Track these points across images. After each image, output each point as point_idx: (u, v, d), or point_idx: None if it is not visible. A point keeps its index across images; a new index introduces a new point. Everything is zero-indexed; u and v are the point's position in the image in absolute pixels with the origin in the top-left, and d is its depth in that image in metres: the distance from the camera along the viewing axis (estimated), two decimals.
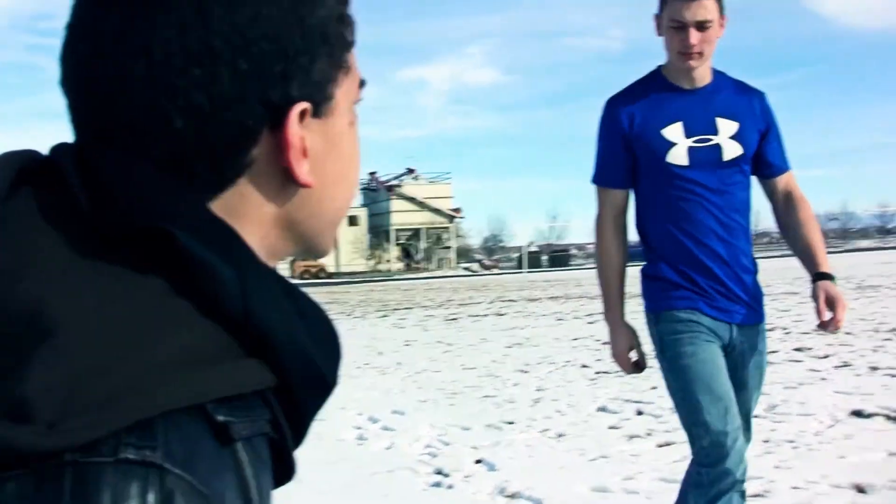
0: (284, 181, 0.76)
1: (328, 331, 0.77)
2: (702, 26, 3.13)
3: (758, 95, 3.37)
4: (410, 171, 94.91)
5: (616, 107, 3.33)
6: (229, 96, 0.71)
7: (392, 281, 59.89)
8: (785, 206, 3.40)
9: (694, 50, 3.15)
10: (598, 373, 9.66)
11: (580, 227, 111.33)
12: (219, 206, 0.73)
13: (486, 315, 20.00)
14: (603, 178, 3.39)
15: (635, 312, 3.55)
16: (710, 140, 3.23)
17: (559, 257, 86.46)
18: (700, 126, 3.24)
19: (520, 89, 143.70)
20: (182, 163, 0.71)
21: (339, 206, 0.83)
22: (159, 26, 0.70)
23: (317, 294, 38.36)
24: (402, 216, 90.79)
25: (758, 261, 3.44)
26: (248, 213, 0.75)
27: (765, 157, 3.34)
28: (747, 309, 3.30)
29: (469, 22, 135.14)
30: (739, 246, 3.30)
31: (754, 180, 3.42)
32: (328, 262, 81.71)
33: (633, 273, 3.13)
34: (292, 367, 0.71)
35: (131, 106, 0.70)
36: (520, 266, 73.19)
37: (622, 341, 3.36)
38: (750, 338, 3.31)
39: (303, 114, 0.75)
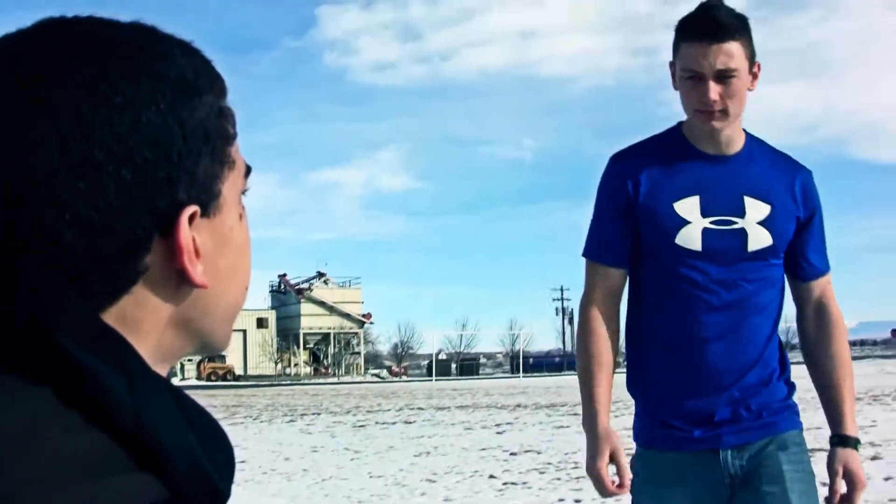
0: (179, 283, 0.76)
1: (220, 440, 0.76)
2: (724, 77, 2.46)
3: (802, 174, 2.68)
4: (321, 274, 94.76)
5: (621, 166, 2.66)
6: (116, 207, 0.70)
7: (300, 385, 59.21)
8: (816, 323, 2.72)
9: (715, 107, 2.48)
10: (505, 483, 9.64)
11: (489, 336, 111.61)
12: (113, 314, 0.73)
13: (394, 423, 19.90)
14: (597, 251, 2.69)
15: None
16: (733, 223, 2.56)
17: (468, 366, 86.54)
18: (722, 204, 2.56)
19: (432, 196, 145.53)
20: (74, 274, 0.70)
21: (233, 300, 0.83)
22: (40, 141, 0.70)
23: (223, 397, 37.88)
24: (311, 320, 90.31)
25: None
26: (143, 318, 0.75)
27: (800, 254, 2.67)
28: (756, 425, 2.61)
29: (383, 126, 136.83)
30: (754, 356, 2.61)
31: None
32: (236, 365, 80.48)
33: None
34: (185, 479, 0.70)
35: (18, 221, 0.70)
36: (429, 374, 73.05)
37: (602, 454, 2.55)
38: (768, 456, 2.59)
39: (192, 216, 0.75)
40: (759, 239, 2.58)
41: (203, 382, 68.84)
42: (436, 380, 62.77)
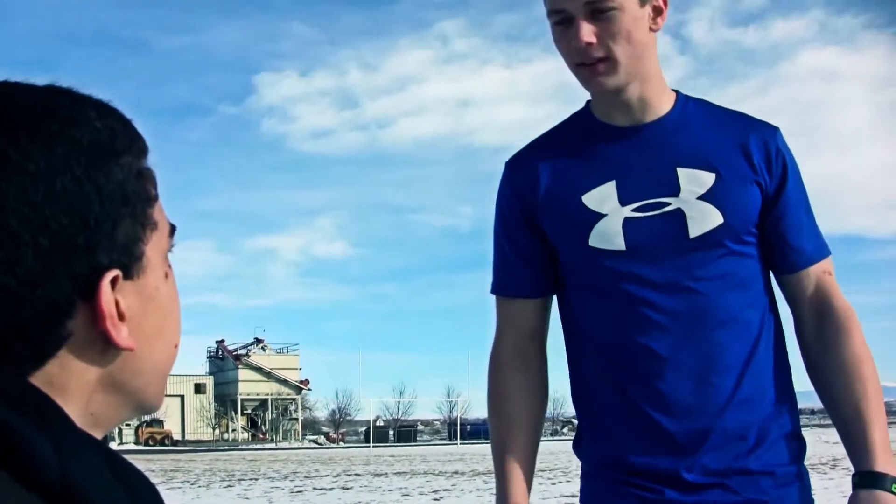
0: (104, 346, 0.75)
1: (152, 498, 0.75)
2: (598, 12, 1.85)
3: (762, 130, 1.99)
4: (258, 340, 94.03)
5: (512, 172, 2.07)
6: (35, 274, 0.70)
7: (238, 451, 58.58)
8: (816, 329, 1.98)
9: (592, 53, 1.86)
10: None
11: (426, 403, 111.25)
12: (39, 378, 0.73)
13: (331, 488, 20.06)
14: (498, 282, 2.12)
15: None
16: (665, 205, 1.91)
17: (406, 432, 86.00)
18: (646, 183, 1.93)
19: (369, 263, 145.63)
20: None
21: (162, 359, 0.82)
22: None
23: (161, 461, 37.51)
24: (249, 386, 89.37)
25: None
26: (69, 381, 0.74)
27: (777, 237, 1.97)
28: (729, 490, 1.91)
29: (320, 194, 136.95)
30: (725, 392, 1.91)
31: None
32: (173, 430, 79.41)
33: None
34: None
35: None
36: (367, 440, 72.65)
37: None
38: None
39: (114, 279, 0.74)
40: (704, 218, 1.89)
41: (141, 447, 67.79)
42: (373, 446, 62.39)
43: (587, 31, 1.84)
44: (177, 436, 78.89)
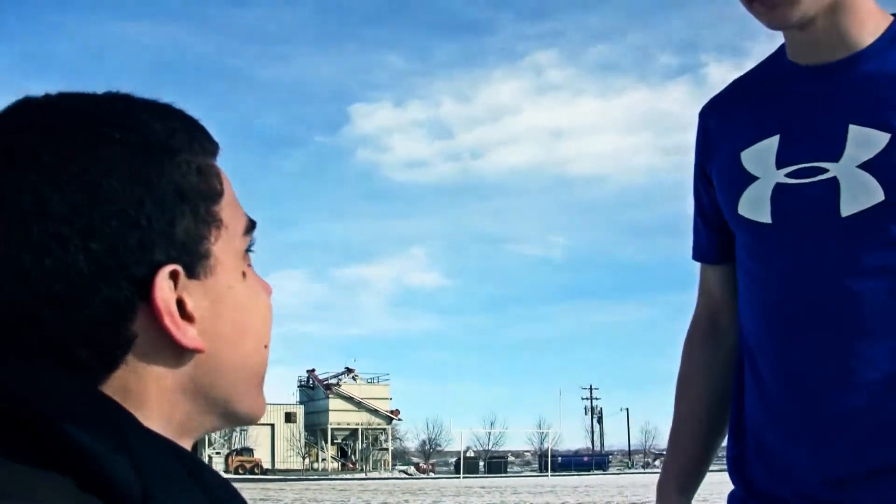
0: (175, 349, 0.73)
1: None
2: None
3: None
4: (349, 370, 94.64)
5: (700, 118, 1.82)
6: (89, 279, 0.69)
7: (327, 480, 58.82)
8: None
9: None
10: None
11: (517, 434, 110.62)
12: (112, 388, 0.71)
13: None
14: (693, 247, 1.89)
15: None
16: (822, 172, 1.55)
17: (496, 463, 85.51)
18: (810, 141, 1.57)
19: (461, 293, 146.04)
20: (60, 350, 0.69)
21: (247, 362, 0.79)
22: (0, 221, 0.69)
23: (251, 490, 37.77)
24: (339, 415, 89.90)
25: None
26: (146, 388, 0.73)
27: None
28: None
29: (413, 223, 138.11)
30: (876, 406, 1.53)
31: None
32: (263, 459, 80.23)
33: None
34: None
35: None
36: (457, 471, 72.38)
37: None
38: None
39: (175, 276, 0.72)
40: (861, 192, 1.50)
41: (231, 475, 68.64)
42: (463, 477, 62.28)
43: None
44: (266, 464, 79.57)
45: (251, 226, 0.82)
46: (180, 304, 0.73)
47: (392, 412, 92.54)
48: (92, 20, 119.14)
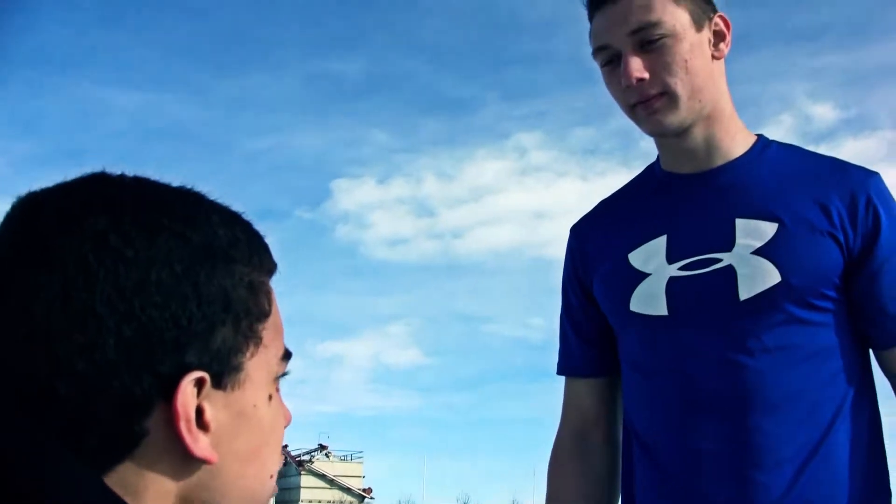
0: (185, 456, 0.71)
1: None
2: (647, 42, 1.58)
3: (854, 176, 1.64)
4: (323, 447, 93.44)
5: (573, 233, 1.86)
6: (114, 364, 0.67)
7: None
8: None
9: (648, 90, 1.59)
10: None
11: None
12: (113, 478, 0.68)
13: None
14: (559, 360, 1.89)
15: None
16: (715, 262, 1.61)
17: None
18: (699, 238, 1.64)
19: (438, 371, 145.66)
20: (70, 432, 0.67)
21: (253, 487, 0.76)
22: (41, 286, 0.67)
23: None
24: (311, 492, 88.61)
25: None
26: (145, 489, 0.70)
27: (868, 302, 1.62)
28: None
29: (393, 301, 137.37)
30: (775, 486, 1.56)
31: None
32: None
33: None
34: None
35: (13, 371, 0.67)
36: None
37: None
38: None
39: (201, 383, 0.70)
40: (757, 276, 1.56)
41: None
42: None
43: (637, 66, 1.58)
44: None
45: (287, 355, 0.81)
46: (199, 411, 0.71)
47: (365, 490, 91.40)
48: (79, 84, 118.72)
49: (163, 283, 0.69)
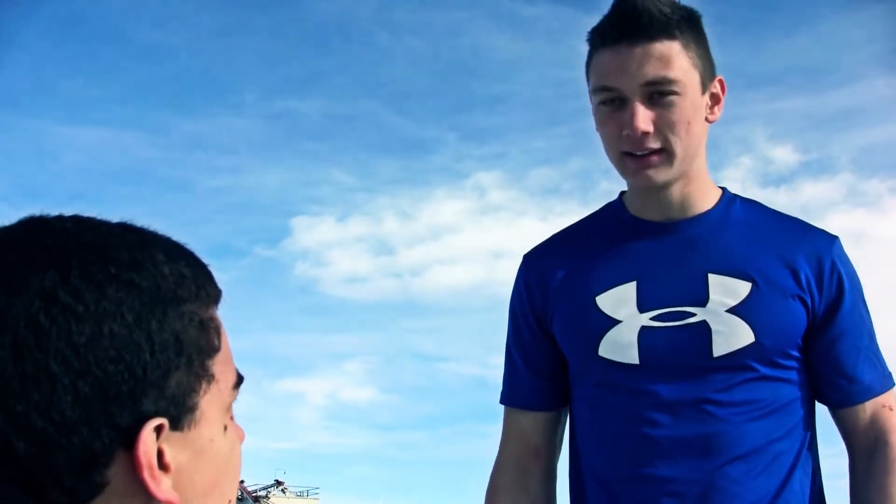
0: (147, 498, 0.71)
1: None
2: (658, 94, 1.58)
3: (817, 240, 1.71)
4: (279, 482, 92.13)
5: (529, 262, 1.84)
6: (72, 420, 0.67)
7: None
8: (866, 468, 1.69)
9: (647, 144, 1.59)
10: None
11: None
12: None
13: None
14: (504, 390, 1.88)
15: None
16: (689, 315, 1.64)
17: None
18: (672, 289, 1.66)
19: (395, 409, 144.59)
20: (30, 485, 0.67)
21: None
22: None
23: None
24: None
25: None
26: None
27: (829, 365, 1.69)
28: None
29: (350, 339, 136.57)
30: None
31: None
32: None
33: None
34: None
35: None
36: None
37: None
38: None
39: (160, 428, 0.71)
40: (732, 335, 1.62)
41: None
42: None
43: (644, 118, 1.57)
44: None
45: (239, 381, 0.81)
46: (159, 454, 0.72)
47: None
48: (35, 122, 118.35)
49: (115, 335, 0.69)
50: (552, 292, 1.76)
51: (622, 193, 1.80)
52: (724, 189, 1.77)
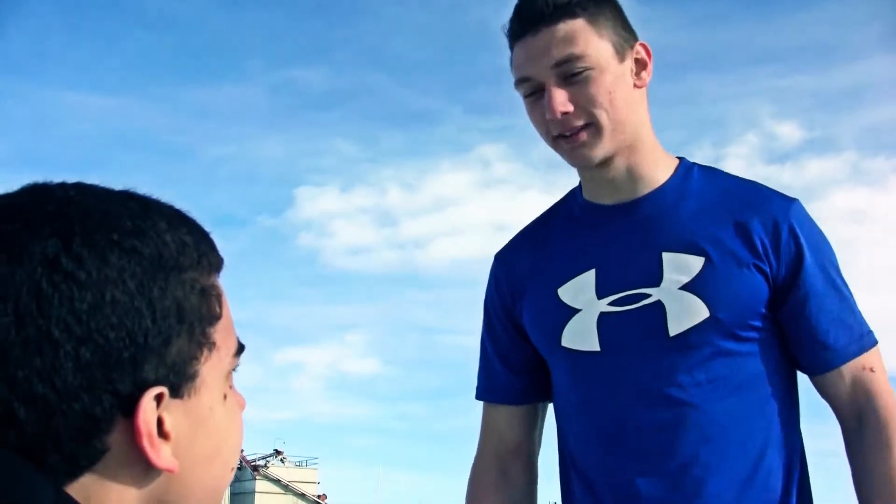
0: (147, 465, 0.72)
1: None
2: (570, 75, 1.58)
3: (775, 204, 1.67)
4: (278, 452, 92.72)
5: (498, 261, 1.87)
6: (73, 387, 0.68)
7: None
8: (856, 438, 1.64)
9: (572, 123, 1.59)
10: None
11: None
12: (75, 490, 0.70)
13: None
14: (479, 385, 1.89)
15: None
16: (644, 297, 1.63)
17: None
18: (627, 272, 1.66)
19: (396, 381, 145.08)
20: (30, 450, 0.68)
21: (213, 484, 0.78)
22: None
23: None
24: (266, 497, 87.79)
25: None
26: (108, 498, 0.71)
27: (802, 331, 1.64)
28: None
29: (353, 310, 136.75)
30: None
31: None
32: None
33: None
34: None
35: None
36: None
37: None
38: None
39: (160, 396, 0.71)
40: (685, 313, 1.60)
41: None
42: None
43: (561, 99, 1.58)
44: None
45: (240, 349, 0.81)
46: (159, 422, 0.72)
47: (319, 496, 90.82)
48: (42, 89, 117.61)
49: (117, 302, 0.69)
50: (519, 288, 1.78)
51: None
52: (681, 159, 1.74)
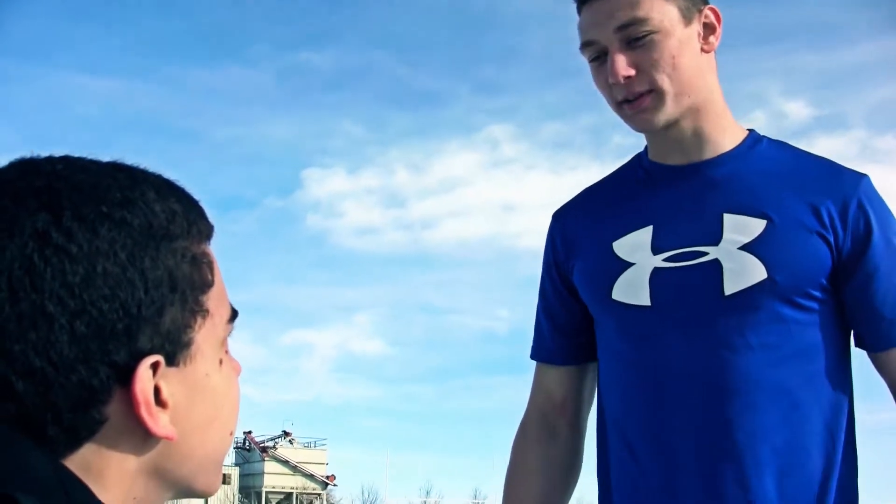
0: (145, 434, 0.73)
1: None
2: (633, 39, 1.59)
3: (845, 179, 1.66)
4: (286, 433, 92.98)
5: (556, 220, 1.87)
6: (70, 359, 0.69)
7: None
8: None
9: (635, 88, 1.61)
10: None
11: None
12: (74, 461, 0.71)
13: None
14: (533, 347, 1.91)
15: None
16: (701, 255, 1.62)
17: None
18: (686, 230, 1.65)
19: (403, 362, 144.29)
20: (29, 423, 0.69)
21: (214, 448, 0.80)
22: None
23: None
24: (274, 479, 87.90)
25: None
26: (108, 467, 0.73)
27: (862, 305, 1.63)
28: None
29: (360, 291, 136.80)
30: (754, 489, 1.57)
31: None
32: None
33: None
34: None
35: None
36: None
37: None
38: None
39: (156, 365, 0.72)
40: (743, 272, 1.58)
41: None
42: None
43: (623, 64, 1.58)
44: None
45: (234, 315, 0.82)
46: (156, 391, 0.73)
47: (328, 477, 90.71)
48: (48, 72, 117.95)
49: (109, 273, 0.70)
50: (573, 244, 1.79)
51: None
52: (751, 130, 1.74)
